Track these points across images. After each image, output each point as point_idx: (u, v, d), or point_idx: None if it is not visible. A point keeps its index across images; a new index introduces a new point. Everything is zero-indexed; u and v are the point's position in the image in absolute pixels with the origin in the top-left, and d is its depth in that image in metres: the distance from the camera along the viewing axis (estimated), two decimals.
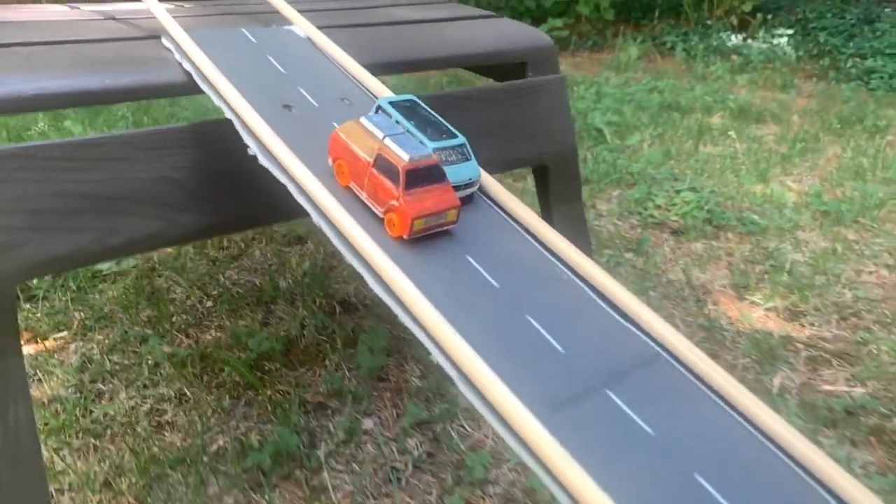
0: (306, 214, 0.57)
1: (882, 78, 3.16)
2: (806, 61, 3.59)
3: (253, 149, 0.58)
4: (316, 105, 0.65)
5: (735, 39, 3.84)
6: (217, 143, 0.67)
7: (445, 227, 0.56)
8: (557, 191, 0.96)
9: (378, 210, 0.55)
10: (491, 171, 0.64)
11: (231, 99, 0.61)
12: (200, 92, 0.66)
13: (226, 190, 0.68)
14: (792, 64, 3.55)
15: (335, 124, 0.63)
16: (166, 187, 0.65)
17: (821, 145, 2.24)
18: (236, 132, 0.61)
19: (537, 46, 0.94)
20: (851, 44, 3.54)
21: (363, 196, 0.56)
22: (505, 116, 0.87)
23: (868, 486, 0.39)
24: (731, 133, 2.25)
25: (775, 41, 3.76)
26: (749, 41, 3.82)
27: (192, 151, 0.66)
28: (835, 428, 0.97)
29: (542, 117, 0.91)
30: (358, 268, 0.51)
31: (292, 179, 0.56)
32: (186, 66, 0.67)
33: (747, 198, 1.75)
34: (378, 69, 0.76)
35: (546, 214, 0.98)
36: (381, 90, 0.70)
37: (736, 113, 2.58)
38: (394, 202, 0.53)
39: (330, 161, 0.59)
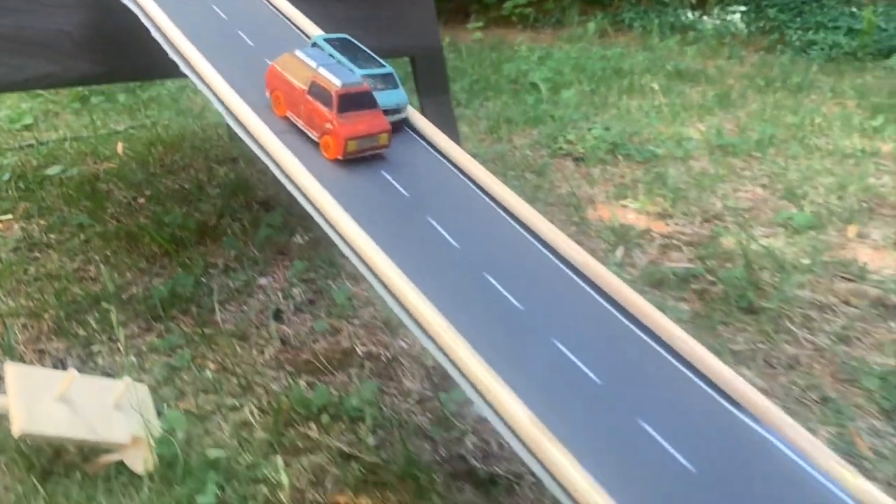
0: (182, 75, 0.73)
1: (822, 49, 3.32)
2: (756, 36, 3.75)
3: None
4: None
5: (691, 16, 4.00)
6: (106, 5, 0.83)
7: (378, 151, 0.62)
8: (425, 83, 1.12)
9: (314, 135, 0.61)
10: None
11: None
12: None
13: (112, 46, 0.84)
14: (743, 38, 3.72)
15: None
16: (64, 38, 0.81)
17: (743, 101, 2.40)
18: None
19: None
20: (799, 19, 3.70)
21: (300, 123, 0.62)
22: (367, 12, 1.04)
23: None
24: (654, 86, 2.41)
25: (728, 17, 3.92)
26: (704, 18, 3.98)
27: (86, 11, 0.82)
28: (666, 288, 1.13)
29: (404, 16, 1.07)
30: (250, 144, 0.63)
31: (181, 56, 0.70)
32: None
33: (653, 135, 1.91)
34: None
35: (420, 105, 1.14)
36: None
37: (673, 75, 2.74)
38: (328, 125, 0.59)
39: (267, 93, 0.65)
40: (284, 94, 0.63)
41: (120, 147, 1.63)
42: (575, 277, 0.55)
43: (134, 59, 0.85)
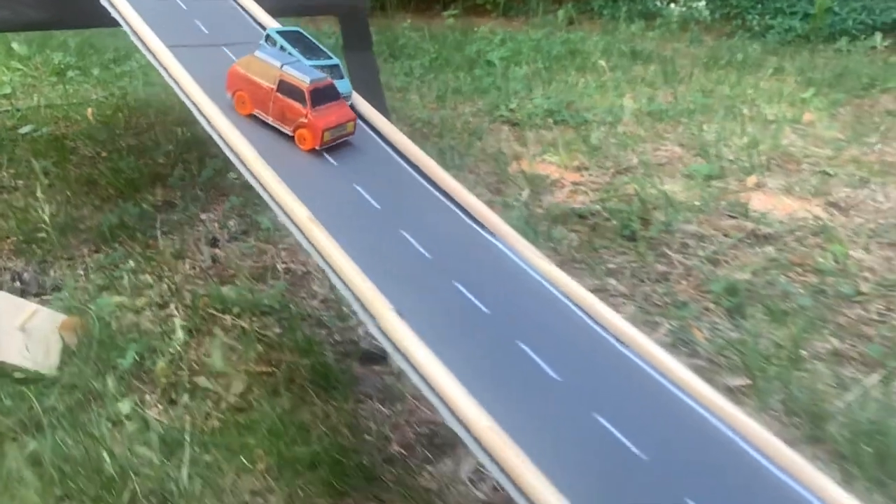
0: (118, 24, 0.87)
1: (778, 33, 3.46)
2: (720, 22, 3.89)
3: None
4: None
5: (659, 4, 4.14)
6: None
7: (346, 138, 0.69)
8: (350, 40, 1.26)
9: (287, 129, 0.67)
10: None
11: None
12: None
13: None
14: (707, 24, 3.86)
15: None
16: None
17: (687, 77, 2.53)
18: None
19: None
20: (760, 5, 3.84)
21: (269, 120, 0.68)
22: None
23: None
24: (602, 63, 2.54)
25: (694, 4, 4.06)
26: (671, 5, 4.11)
27: None
28: (562, 222, 1.27)
29: None
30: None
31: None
32: None
33: (590, 105, 2.05)
34: None
35: (345, 59, 1.28)
36: None
37: (626, 55, 2.87)
38: (303, 119, 0.65)
39: (229, 94, 0.70)
40: (250, 94, 0.68)
41: (90, 112, 1.77)
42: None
43: (78, 7, 0.99)
